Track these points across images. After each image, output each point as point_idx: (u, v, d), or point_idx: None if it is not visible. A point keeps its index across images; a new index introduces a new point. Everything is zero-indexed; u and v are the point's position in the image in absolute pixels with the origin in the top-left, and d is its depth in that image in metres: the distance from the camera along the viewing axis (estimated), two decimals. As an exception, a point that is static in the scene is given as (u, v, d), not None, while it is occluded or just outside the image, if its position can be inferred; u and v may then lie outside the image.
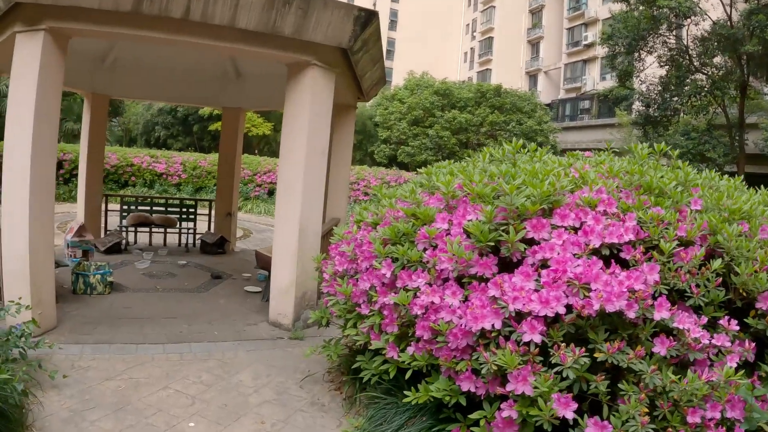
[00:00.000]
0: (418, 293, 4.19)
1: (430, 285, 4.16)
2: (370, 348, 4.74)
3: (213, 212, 12.60)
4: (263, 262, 8.22)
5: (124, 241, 11.11)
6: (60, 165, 18.13)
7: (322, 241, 7.21)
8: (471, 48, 65.58)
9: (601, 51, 34.20)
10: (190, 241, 12.12)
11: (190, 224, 12.10)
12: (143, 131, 37.27)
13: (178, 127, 35.73)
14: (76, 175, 17.89)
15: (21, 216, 5.82)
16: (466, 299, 4.01)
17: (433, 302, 4.06)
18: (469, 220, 4.25)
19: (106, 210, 11.75)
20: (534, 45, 55.91)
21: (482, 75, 59.81)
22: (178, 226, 11.86)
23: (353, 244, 5.13)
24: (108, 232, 11.31)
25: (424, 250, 4.39)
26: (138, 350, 6.06)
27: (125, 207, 11.74)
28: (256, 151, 32.15)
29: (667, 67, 23.90)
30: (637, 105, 26.67)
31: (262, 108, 14.20)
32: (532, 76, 56.17)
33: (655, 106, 24.18)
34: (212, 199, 13.15)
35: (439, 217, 4.49)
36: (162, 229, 11.75)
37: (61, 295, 7.46)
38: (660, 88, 24.05)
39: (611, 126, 34.67)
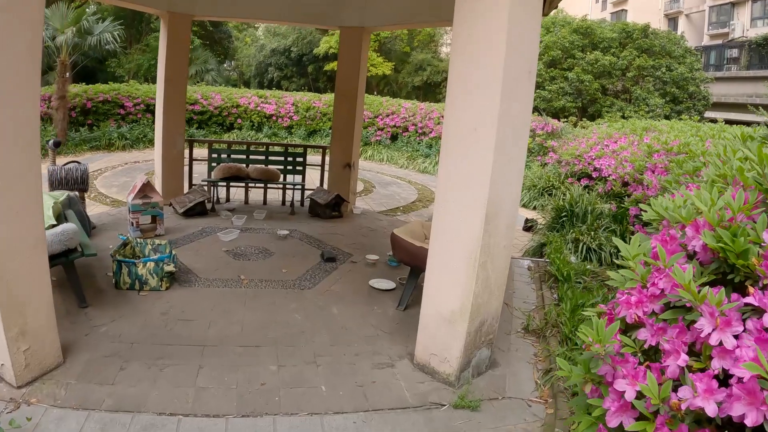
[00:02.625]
0: None
1: None
2: None
3: (327, 162, 9.72)
4: (407, 255, 5.12)
5: (210, 200, 8.49)
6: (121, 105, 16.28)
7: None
8: (604, -15, 59.14)
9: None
10: (297, 198, 9.36)
11: (298, 177, 9.32)
12: (256, 73, 35.75)
13: (292, 68, 33.93)
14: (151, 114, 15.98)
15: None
16: None
17: None
18: None
19: (191, 159, 9.14)
20: (676, -17, 49.29)
21: (616, 16, 53.68)
22: (281, 180, 9.06)
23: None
24: (191, 189, 8.70)
25: None
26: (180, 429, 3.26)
27: (214, 156, 9.07)
28: (376, 93, 29.33)
29: None
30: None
31: (392, 26, 10.94)
32: (672, 20, 49.55)
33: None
34: (326, 145, 10.28)
35: None
36: (261, 185, 8.99)
37: (99, 291, 5.23)
38: None
39: (765, 79, 29.10)
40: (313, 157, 11.21)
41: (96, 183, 10.98)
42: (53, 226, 4.96)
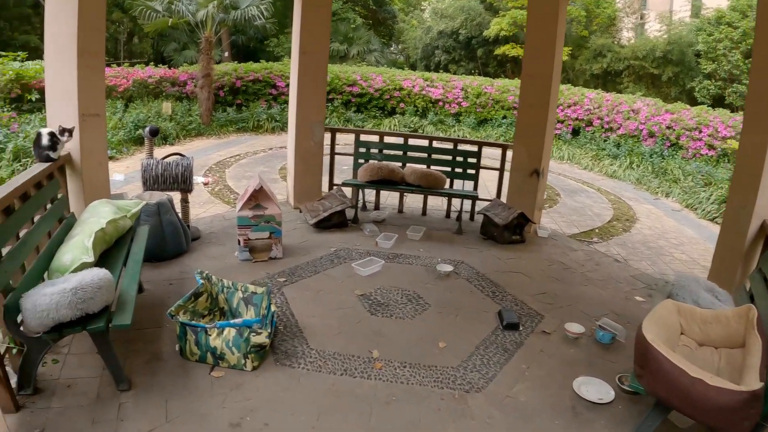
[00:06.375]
0: None
1: None
2: None
3: (507, 165, 7.32)
4: (667, 386, 2.53)
5: (354, 206, 6.59)
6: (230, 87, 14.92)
7: None
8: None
9: None
10: (466, 208, 7.17)
11: (469, 184, 7.12)
12: (422, 56, 34.15)
13: (460, 51, 31.90)
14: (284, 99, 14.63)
15: None
16: None
17: None
18: None
19: (332, 152, 7.23)
20: None
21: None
22: (447, 186, 6.91)
23: None
24: (328, 192, 6.79)
25: None
26: None
27: (362, 150, 7.08)
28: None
29: None
30: None
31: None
32: None
33: None
34: (507, 143, 7.83)
35: None
36: (420, 191, 6.82)
37: (156, 359, 3.53)
38: None
39: None
40: (488, 155, 8.82)
41: (227, 172, 9.49)
42: (89, 265, 3.17)
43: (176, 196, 5.56)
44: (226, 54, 20.81)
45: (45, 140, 4.13)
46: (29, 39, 21.00)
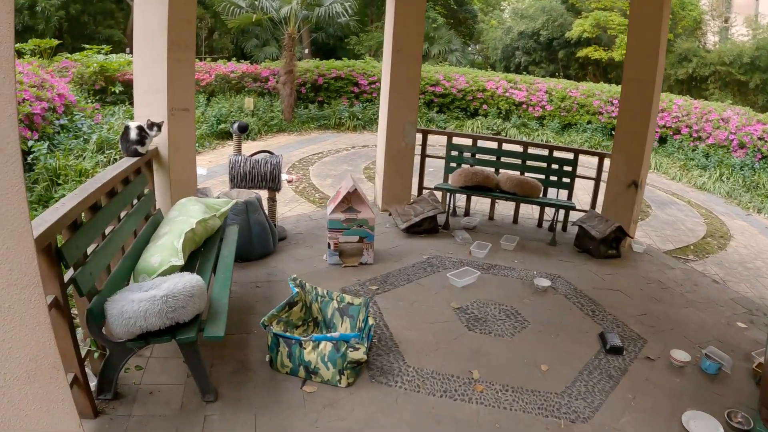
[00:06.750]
0: None
1: None
2: None
3: (603, 175, 6.81)
4: None
5: (445, 211, 6.23)
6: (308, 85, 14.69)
7: None
8: None
9: None
10: (559, 218, 6.68)
11: (563, 193, 6.68)
12: (502, 57, 33.61)
13: (541, 52, 31.28)
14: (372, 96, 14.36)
15: None
16: None
17: None
18: None
19: (423, 155, 6.88)
20: None
21: None
22: (542, 195, 6.45)
23: None
24: (419, 197, 6.45)
25: None
26: None
27: (454, 153, 6.70)
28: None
29: None
30: None
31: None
32: None
33: None
34: (606, 152, 7.15)
35: None
36: (514, 198, 6.37)
37: (244, 368, 3.30)
38: None
39: None
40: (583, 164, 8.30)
41: (311, 170, 9.26)
42: (178, 268, 2.92)
43: (263, 195, 5.34)
44: (306, 51, 20.82)
45: (133, 134, 3.93)
46: (113, 33, 21.57)
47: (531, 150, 6.84)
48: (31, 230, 1.92)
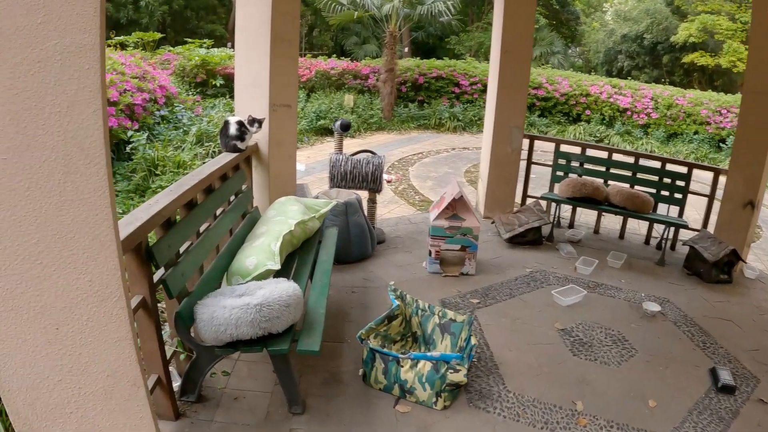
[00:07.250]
0: None
1: None
2: None
3: (717, 192, 6.15)
4: None
5: (551, 222, 5.89)
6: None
7: None
8: None
9: None
10: (668, 235, 6.14)
11: (674, 209, 6.17)
12: (604, 60, 32.51)
13: (644, 57, 30.02)
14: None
15: None
16: None
17: None
18: None
19: (529, 162, 6.55)
20: None
21: None
22: (652, 211, 5.98)
23: None
24: (524, 206, 6.14)
25: None
26: None
27: (561, 162, 6.32)
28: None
29: None
30: None
31: None
32: None
33: None
34: (722, 168, 6.55)
35: None
36: (624, 213, 5.92)
37: (335, 380, 3.13)
38: None
39: None
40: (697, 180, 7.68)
41: (410, 170, 9.05)
42: (272, 273, 2.76)
43: (363, 195, 5.18)
44: (406, 50, 20.73)
45: (233, 129, 3.82)
46: (215, 28, 22.13)
47: (640, 161, 6.39)
48: (116, 239, 1.76)
